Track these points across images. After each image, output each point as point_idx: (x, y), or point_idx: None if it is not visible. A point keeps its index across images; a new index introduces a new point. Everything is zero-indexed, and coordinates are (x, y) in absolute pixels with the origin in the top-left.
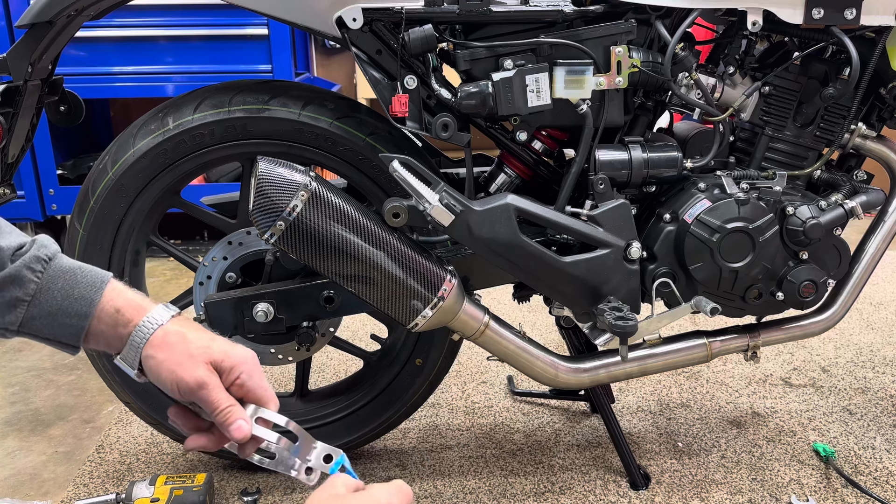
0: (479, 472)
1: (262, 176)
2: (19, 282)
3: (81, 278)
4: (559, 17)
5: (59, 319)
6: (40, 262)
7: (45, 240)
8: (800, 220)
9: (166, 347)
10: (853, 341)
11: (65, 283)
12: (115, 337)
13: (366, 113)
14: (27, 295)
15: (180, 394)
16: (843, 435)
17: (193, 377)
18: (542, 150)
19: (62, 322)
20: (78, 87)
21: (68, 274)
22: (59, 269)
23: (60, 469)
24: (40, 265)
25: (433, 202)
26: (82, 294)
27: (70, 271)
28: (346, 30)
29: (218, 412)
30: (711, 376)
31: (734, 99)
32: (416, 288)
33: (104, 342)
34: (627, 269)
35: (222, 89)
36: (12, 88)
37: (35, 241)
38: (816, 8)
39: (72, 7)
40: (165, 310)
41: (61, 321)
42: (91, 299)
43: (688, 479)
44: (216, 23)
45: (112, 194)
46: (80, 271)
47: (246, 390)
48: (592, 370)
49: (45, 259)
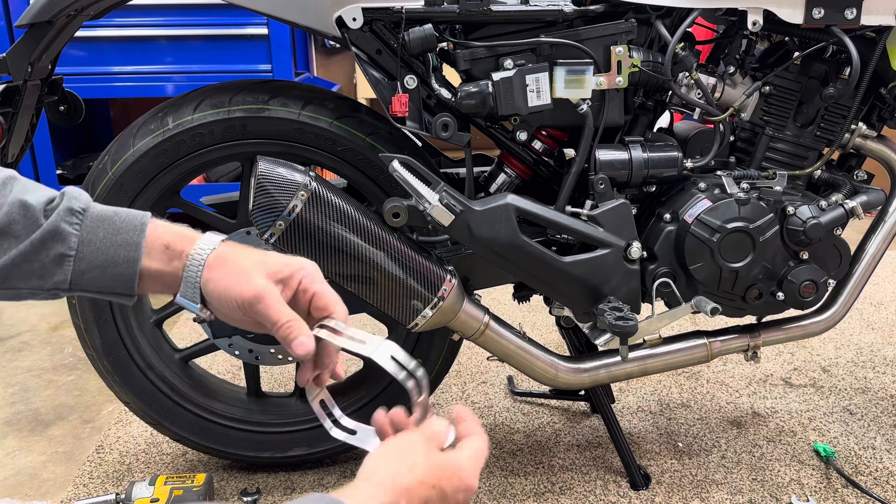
0: (480, 472)
1: (261, 176)
2: (59, 237)
3: (121, 223)
4: (559, 16)
5: (109, 270)
6: (75, 214)
7: (74, 190)
8: (800, 220)
9: (221, 265)
10: (853, 341)
11: (106, 232)
12: (171, 273)
13: (366, 113)
14: (70, 249)
15: (238, 310)
16: (843, 435)
17: (250, 289)
18: (542, 149)
19: (112, 272)
20: (78, 87)
21: (106, 221)
22: (96, 218)
23: (60, 469)
24: (76, 217)
25: (433, 202)
26: (126, 239)
27: (107, 218)
28: (346, 29)
29: (278, 326)
30: (712, 376)
31: (734, 99)
32: (416, 288)
33: (160, 282)
34: (627, 269)
35: (222, 89)
36: (12, 88)
37: (64, 192)
38: (817, 8)
39: (71, 7)
40: (214, 235)
41: (111, 271)
42: (136, 243)
43: (688, 479)
44: (216, 23)
45: (112, 194)
46: (117, 216)
47: (310, 295)
48: (592, 370)
49: (79, 210)
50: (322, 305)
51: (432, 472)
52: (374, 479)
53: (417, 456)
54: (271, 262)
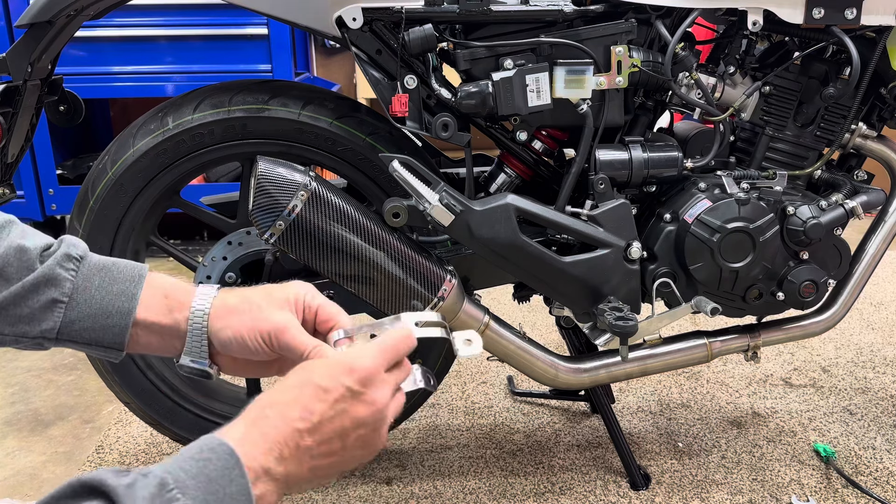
0: (479, 472)
1: (261, 176)
2: (54, 281)
3: (118, 273)
4: (559, 16)
5: (101, 320)
6: (72, 261)
7: (73, 239)
8: (800, 220)
9: (231, 311)
10: (854, 341)
11: (102, 280)
12: (172, 324)
13: (366, 113)
14: (64, 295)
15: (266, 346)
16: (843, 435)
17: (272, 323)
18: (542, 149)
19: (103, 323)
20: (78, 87)
21: (104, 271)
22: (93, 267)
23: (60, 469)
24: (72, 263)
25: (433, 202)
26: (122, 289)
27: (105, 268)
28: (346, 29)
29: (306, 354)
30: (712, 376)
31: (734, 99)
32: (416, 288)
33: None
34: (627, 269)
35: (222, 89)
36: (12, 88)
37: (63, 240)
38: (817, 8)
39: (71, 7)
40: (208, 287)
41: (102, 322)
42: (132, 293)
43: (688, 479)
44: (216, 23)
45: (112, 194)
46: (116, 267)
47: (314, 312)
48: (592, 370)
49: (76, 257)
50: (326, 318)
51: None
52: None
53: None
54: (276, 293)
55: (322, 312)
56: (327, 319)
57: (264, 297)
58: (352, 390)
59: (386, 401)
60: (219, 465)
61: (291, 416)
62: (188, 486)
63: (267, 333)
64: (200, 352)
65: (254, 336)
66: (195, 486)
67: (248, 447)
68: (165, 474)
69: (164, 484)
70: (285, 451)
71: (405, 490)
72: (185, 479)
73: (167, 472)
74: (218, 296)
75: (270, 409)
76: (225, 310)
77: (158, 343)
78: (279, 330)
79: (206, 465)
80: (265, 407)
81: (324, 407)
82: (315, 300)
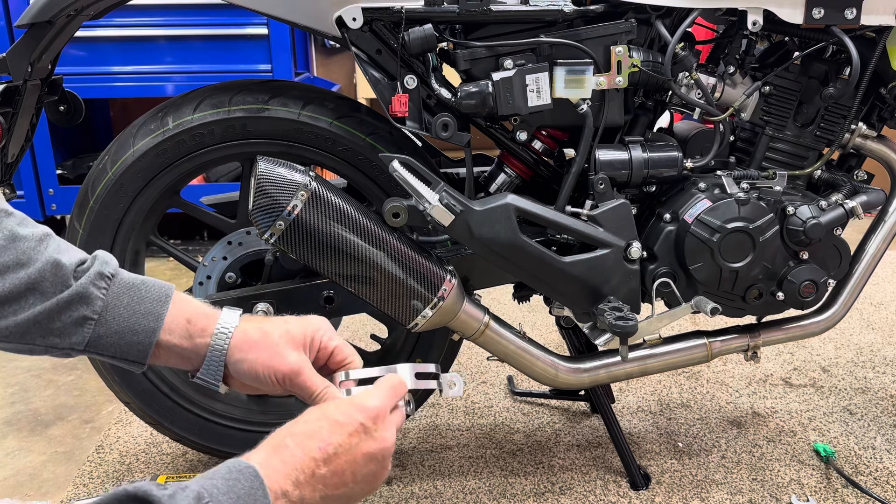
0: (479, 472)
1: (261, 176)
2: (87, 300)
3: (146, 293)
4: (559, 16)
5: (127, 337)
6: (104, 279)
7: (106, 255)
8: (800, 219)
9: (252, 346)
10: (853, 341)
11: (130, 300)
12: (192, 348)
13: (366, 113)
14: (94, 313)
15: (279, 384)
16: (843, 435)
17: (288, 365)
18: (542, 149)
19: (129, 340)
20: (78, 87)
21: (133, 290)
22: (123, 285)
23: (60, 469)
24: (104, 282)
25: (433, 202)
26: (149, 309)
27: (134, 287)
28: (346, 29)
29: (315, 396)
30: (711, 376)
31: (734, 99)
32: (416, 288)
33: (176, 356)
34: (627, 269)
35: (222, 89)
36: (12, 88)
37: (96, 256)
38: (817, 8)
39: (71, 7)
40: (231, 311)
41: (128, 339)
42: (158, 314)
43: (688, 479)
44: (216, 23)
45: (112, 194)
46: (144, 286)
47: (328, 352)
48: (592, 370)
49: (108, 276)
50: (340, 359)
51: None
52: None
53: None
54: (294, 331)
55: (338, 353)
56: (341, 361)
57: (282, 333)
58: (364, 426)
59: (393, 439)
60: (246, 485)
61: (309, 447)
62: (221, 500)
63: (282, 375)
64: (216, 375)
65: (268, 374)
66: (227, 501)
67: (269, 471)
68: (201, 489)
69: (201, 497)
70: (301, 477)
71: (405, 490)
72: (218, 494)
73: (202, 487)
74: (239, 325)
75: (290, 439)
76: (245, 342)
77: (177, 361)
78: (294, 373)
79: (235, 485)
80: (285, 437)
81: (339, 439)
82: (332, 341)
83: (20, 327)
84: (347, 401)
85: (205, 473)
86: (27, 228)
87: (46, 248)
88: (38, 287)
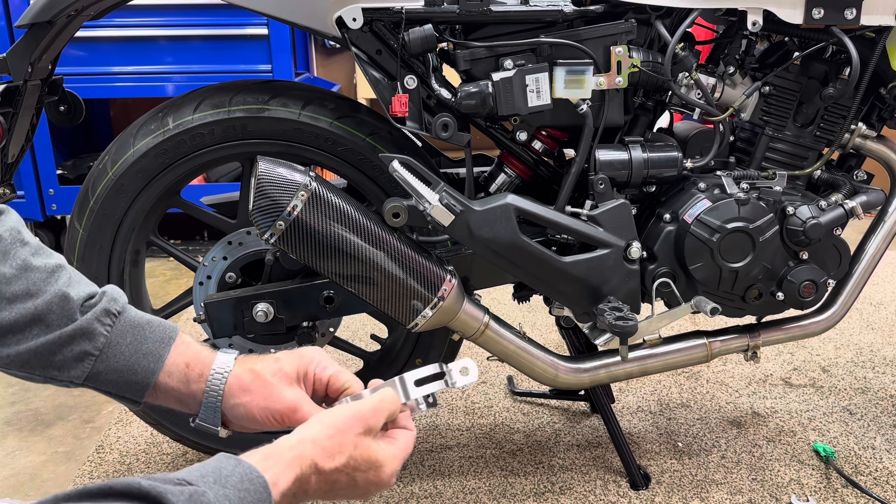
0: (479, 472)
1: (261, 176)
2: (89, 335)
3: (150, 333)
4: (559, 16)
5: (126, 376)
6: (110, 316)
7: (115, 291)
8: (800, 220)
9: (246, 389)
10: (853, 341)
11: (133, 339)
12: (188, 394)
13: (366, 113)
14: (96, 349)
15: (278, 423)
16: (843, 435)
17: (284, 403)
18: (542, 150)
19: (128, 379)
20: (78, 87)
21: (137, 329)
22: (128, 323)
23: (60, 469)
24: (110, 319)
25: (433, 202)
26: (150, 350)
27: (139, 326)
28: (346, 30)
29: None
30: (711, 376)
31: (734, 99)
32: (416, 288)
33: (174, 398)
34: (627, 269)
35: (222, 89)
36: (12, 88)
37: (105, 292)
38: (816, 8)
39: (72, 7)
40: (226, 355)
41: (127, 377)
42: (159, 355)
43: (688, 479)
44: (216, 23)
45: (112, 194)
46: (149, 326)
47: (325, 382)
48: (592, 370)
49: (115, 313)
50: (339, 386)
51: (353, 462)
52: (298, 449)
53: (347, 441)
54: (286, 367)
55: (335, 381)
56: (340, 388)
57: (275, 372)
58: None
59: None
60: (255, 497)
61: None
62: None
63: (279, 413)
64: (214, 420)
65: (265, 416)
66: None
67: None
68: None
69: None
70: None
71: (405, 490)
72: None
73: (216, 496)
74: (233, 371)
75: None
76: (238, 387)
77: (175, 403)
78: (291, 409)
79: (247, 496)
80: (287, 445)
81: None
82: (326, 371)
83: (21, 357)
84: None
85: (217, 475)
86: (40, 259)
87: (57, 280)
88: (44, 319)
